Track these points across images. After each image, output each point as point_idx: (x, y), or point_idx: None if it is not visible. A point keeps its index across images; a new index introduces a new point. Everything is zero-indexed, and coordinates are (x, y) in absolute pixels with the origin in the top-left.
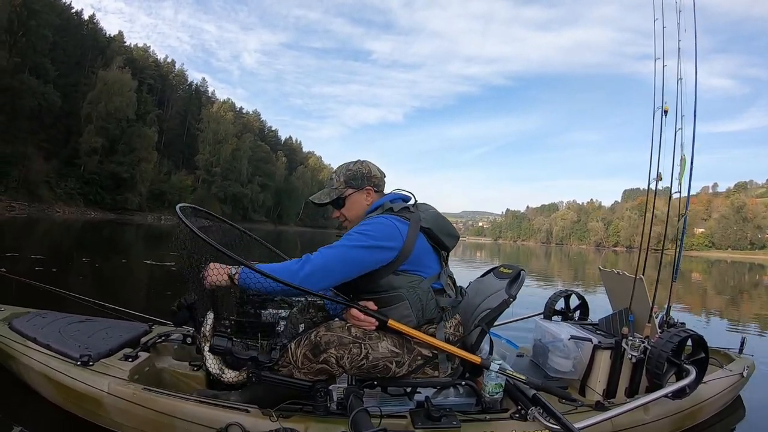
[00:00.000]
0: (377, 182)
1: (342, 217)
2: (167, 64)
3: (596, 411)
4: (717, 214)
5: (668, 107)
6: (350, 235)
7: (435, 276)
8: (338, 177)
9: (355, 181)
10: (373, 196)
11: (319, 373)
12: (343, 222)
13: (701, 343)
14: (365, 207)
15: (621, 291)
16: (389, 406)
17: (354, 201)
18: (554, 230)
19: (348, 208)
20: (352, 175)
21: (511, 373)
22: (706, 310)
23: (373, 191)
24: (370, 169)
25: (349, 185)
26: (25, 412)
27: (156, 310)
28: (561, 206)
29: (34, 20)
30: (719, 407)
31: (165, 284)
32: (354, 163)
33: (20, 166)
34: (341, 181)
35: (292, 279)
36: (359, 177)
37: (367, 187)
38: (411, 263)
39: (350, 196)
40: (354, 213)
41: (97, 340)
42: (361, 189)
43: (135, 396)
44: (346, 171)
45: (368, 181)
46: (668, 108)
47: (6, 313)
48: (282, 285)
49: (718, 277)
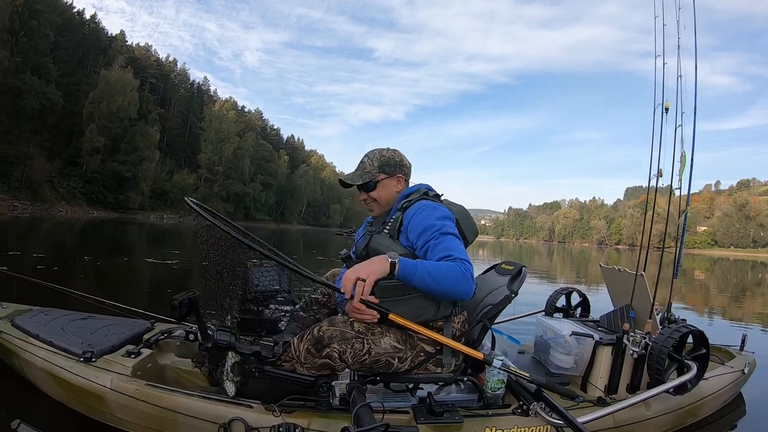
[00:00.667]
0: (407, 171)
1: (370, 200)
2: (169, 63)
3: (598, 406)
4: (719, 212)
5: (669, 104)
6: (444, 223)
7: None
8: (371, 161)
9: (388, 167)
10: (402, 183)
11: (321, 368)
12: (370, 204)
13: (702, 339)
14: (394, 193)
15: (622, 288)
16: (392, 401)
17: (385, 186)
18: (557, 228)
19: (378, 192)
20: (386, 161)
21: (515, 371)
22: (709, 308)
23: (403, 179)
24: (402, 158)
25: (383, 170)
26: (28, 409)
27: (157, 307)
28: (563, 204)
29: (35, 20)
30: (720, 404)
31: (166, 282)
32: (387, 150)
33: (22, 166)
34: (375, 166)
35: (457, 284)
36: (392, 164)
37: (399, 174)
38: None
39: (382, 181)
40: (384, 197)
41: (99, 337)
42: (392, 175)
43: (138, 392)
44: (380, 156)
45: (400, 169)
46: (669, 105)
47: (8, 311)
48: (449, 287)
49: (720, 275)
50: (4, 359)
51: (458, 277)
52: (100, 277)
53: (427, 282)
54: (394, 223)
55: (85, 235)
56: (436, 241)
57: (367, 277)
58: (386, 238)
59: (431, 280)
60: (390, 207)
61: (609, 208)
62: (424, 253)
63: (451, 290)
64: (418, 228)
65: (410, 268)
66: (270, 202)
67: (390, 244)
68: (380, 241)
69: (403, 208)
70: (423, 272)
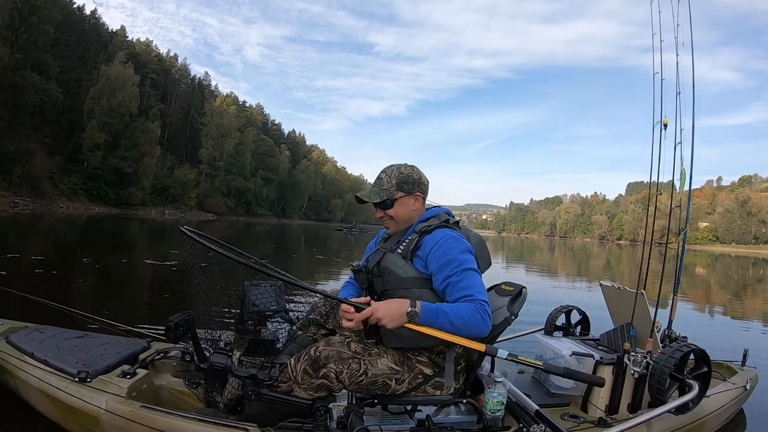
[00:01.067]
0: (425, 189)
1: (386, 218)
2: (170, 59)
3: (599, 427)
4: (721, 208)
5: (667, 120)
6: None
7: None
8: (389, 179)
9: (407, 185)
10: (420, 202)
11: (318, 388)
12: (386, 222)
13: (703, 357)
14: (411, 212)
15: (622, 306)
16: (390, 424)
17: (403, 204)
18: (558, 223)
19: (396, 211)
20: (405, 178)
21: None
22: (710, 305)
23: (421, 197)
24: (420, 175)
25: (401, 188)
26: (22, 429)
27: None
28: (565, 199)
29: (35, 16)
30: (723, 421)
31: (164, 286)
32: (405, 167)
33: (23, 162)
34: (393, 183)
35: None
36: (411, 182)
37: (417, 192)
38: None
39: (400, 199)
40: (401, 216)
41: (95, 356)
42: (411, 194)
43: (133, 414)
44: (399, 174)
45: (418, 187)
46: (667, 121)
47: (3, 328)
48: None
49: (722, 271)
50: None
51: (477, 321)
52: (99, 281)
53: (447, 328)
54: (409, 244)
55: (86, 232)
56: (458, 278)
57: (385, 325)
58: (399, 258)
59: (451, 326)
60: (407, 226)
61: (610, 203)
62: (444, 288)
63: (471, 334)
64: (440, 260)
65: (432, 319)
66: (271, 197)
67: (402, 264)
68: (393, 261)
69: (421, 231)
70: (444, 320)
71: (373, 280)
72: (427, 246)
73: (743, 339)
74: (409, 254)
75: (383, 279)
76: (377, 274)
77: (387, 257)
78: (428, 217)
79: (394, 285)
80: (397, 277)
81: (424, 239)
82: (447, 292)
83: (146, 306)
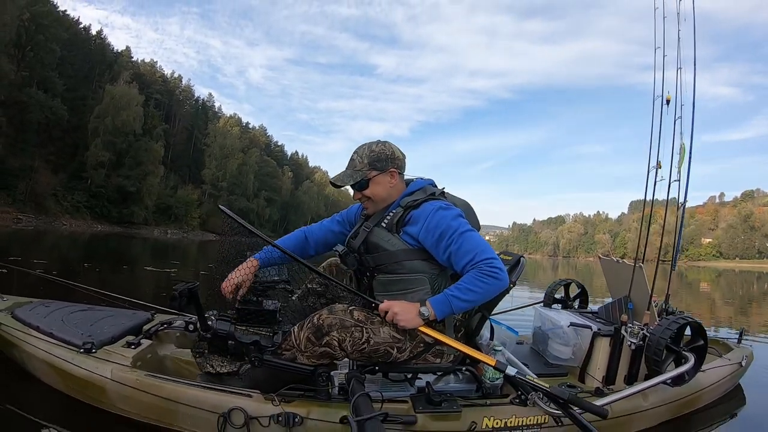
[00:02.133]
0: (400, 163)
1: (364, 199)
2: (174, 80)
3: (596, 397)
4: (724, 223)
5: (670, 96)
6: (459, 222)
7: None
8: (361, 159)
9: (379, 163)
10: (396, 177)
11: (321, 356)
12: (365, 203)
13: (700, 330)
14: (388, 189)
15: (620, 279)
16: (390, 391)
17: (378, 183)
18: (561, 243)
19: (372, 190)
20: (376, 156)
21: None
22: (715, 318)
23: (396, 173)
24: (393, 150)
25: (373, 167)
26: (29, 401)
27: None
28: (568, 219)
29: (42, 34)
30: (718, 395)
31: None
32: (376, 144)
33: (27, 179)
34: (365, 163)
35: (499, 283)
36: (383, 158)
37: (391, 168)
38: None
39: (374, 178)
40: (378, 195)
41: (99, 328)
42: (385, 171)
43: (138, 382)
44: (370, 152)
45: (392, 163)
46: (670, 97)
47: (8, 303)
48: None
49: (726, 286)
50: (4, 351)
51: (490, 282)
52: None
53: (466, 307)
54: (393, 217)
55: (89, 248)
56: (456, 245)
57: (399, 323)
58: (385, 232)
59: (469, 303)
60: (387, 203)
61: (613, 222)
62: (447, 258)
63: (492, 295)
64: (435, 232)
65: (446, 309)
66: (274, 218)
67: (390, 238)
68: (380, 236)
69: (407, 206)
70: (458, 303)
71: (361, 258)
72: (418, 221)
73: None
74: (394, 227)
75: (372, 255)
76: (365, 251)
77: (373, 232)
78: (412, 191)
79: (384, 260)
80: (386, 251)
81: (411, 214)
82: (452, 262)
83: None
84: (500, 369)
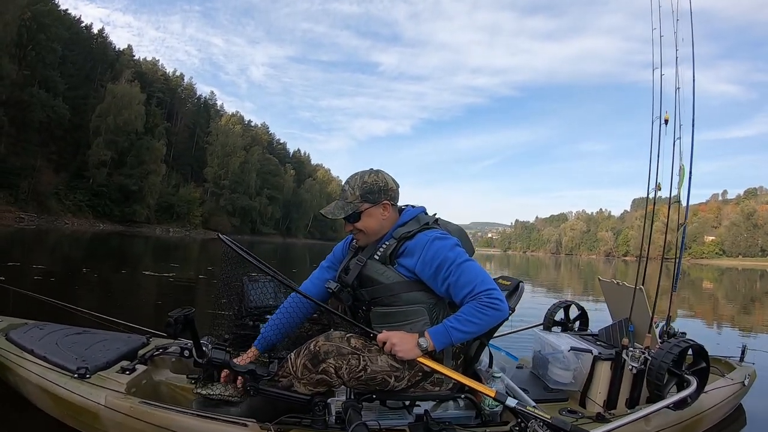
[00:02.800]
0: (393, 195)
1: (355, 231)
2: (176, 78)
3: (597, 423)
4: (727, 221)
5: (668, 116)
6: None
7: None
8: (353, 190)
9: (371, 195)
10: (389, 209)
11: (318, 384)
12: (356, 235)
13: (702, 353)
14: (381, 221)
15: (621, 301)
16: (388, 419)
17: (370, 215)
18: (564, 240)
19: (364, 223)
20: (369, 188)
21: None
22: (717, 318)
23: (389, 204)
24: (386, 182)
25: (366, 199)
26: (22, 425)
27: (152, 320)
28: (570, 216)
29: (43, 34)
30: (721, 416)
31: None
32: (369, 175)
33: (30, 178)
34: (356, 195)
35: (498, 314)
36: (375, 191)
37: (384, 200)
38: None
39: (366, 211)
40: (370, 227)
41: (94, 353)
42: (377, 203)
43: (132, 409)
44: (362, 184)
45: (384, 195)
46: (668, 117)
47: (3, 324)
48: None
49: (729, 285)
50: None
51: (488, 314)
52: (96, 290)
53: (464, 338)
54: (386, 249)
55: (90, 248)
56: (455, 276)
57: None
58: (379, 264)
59: (467, 334)
60: (379, 235)
61: (616, 220)
62: (446, 290)
63: (491, 326)
64: (432, 264)
65: (445, 340)
66: (276, 216)
67: (384, 270)
68: (374, 269)
69: (400, 237)
70: (457, 334)
71: (356, 292)
72: (413, 253)
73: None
74: (388, 259)
75: (367, 289)
76: (359, 285)
77: (367, 266)
78: (405, 221)
79: (380, 293)
80: (381, 284)
81: (406, 245)
82: (451, 293)
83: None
84: (500, 401)
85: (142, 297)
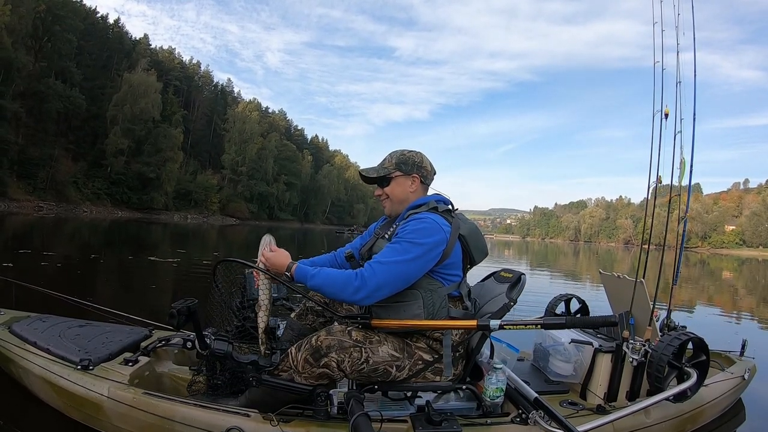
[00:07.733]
0: (426, 174)
1: (384, 196)
2: (192, 66)
3: (597, 414)
4: (748, 210)
5: (668, 110)
6: (401, 242)
7: (455, 285)
8: (390, 158)
9: (405, 165)
10: (417, 185)
11: (320, 377)
12: (383, 200)
13: (702, 346)
14: (407, 193)
15: (621, 294)
16: (390, 410)
17: (399, 183)
18: (582, 228)
19: (392, 189)
20: (404, 159)
21: None
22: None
23: (419, 180)
24: (422, 159)
25: (399, 168)
26: (25, 417)
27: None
28: (589, 203)
29: (58, 25)
30: (721, 410)
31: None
32: (409, 151)
33: (48, 168)
34: (393, 162)
35: (348, 296)
36: (410, 163)
37: (414, 174)
38: (441, 267)
39: (396, 178)
40: (396, 195)
41: (97, 345)
42: (408, 174)
43: (135, 400)
44: (400, 155)
45: (417, 170)
46: (669, 111)
47: (6, 317)
48: (338, 297)
49: (749, 275)
50: (1, 366)
51: (348, 289)
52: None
53: (319, 289)
54: (395, 229)
55: (109, 236)
56: (392, 245)
57: (270, 267)
58: (384, 242)
59: (319, 289)
60: (402, 207)
61: (636, 207)
62: None
63: (339, 299)
64: None
65: (303, 276)
66: (294, 202)
67: None
68: (380, 246)
69: (409, 217)
70: (313, 284)
71: None
72: None
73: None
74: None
75: None
76: (368, 258)
77: (377, 243)
78: (418, 204)
79: None
80: None
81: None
82: None
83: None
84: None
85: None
